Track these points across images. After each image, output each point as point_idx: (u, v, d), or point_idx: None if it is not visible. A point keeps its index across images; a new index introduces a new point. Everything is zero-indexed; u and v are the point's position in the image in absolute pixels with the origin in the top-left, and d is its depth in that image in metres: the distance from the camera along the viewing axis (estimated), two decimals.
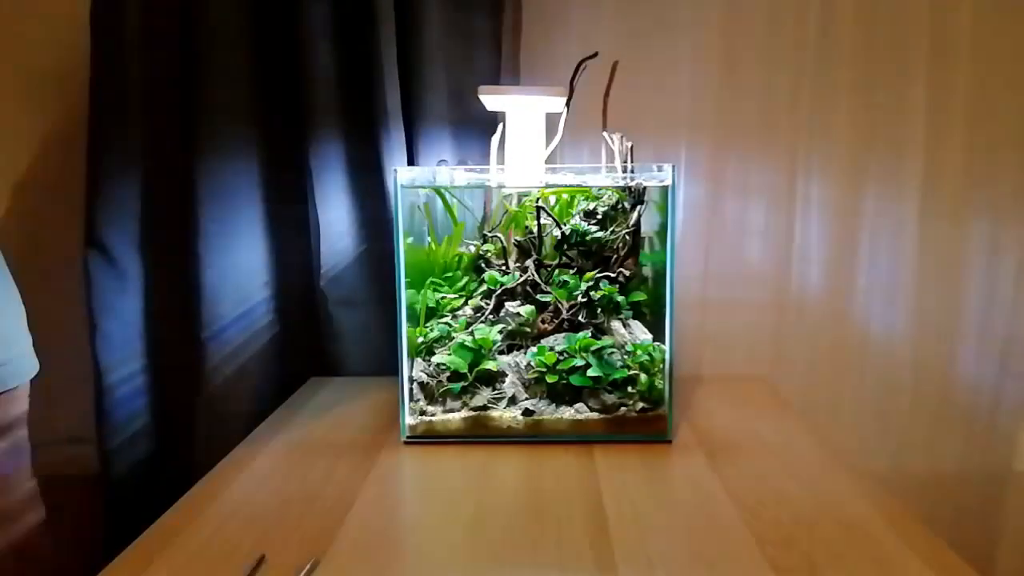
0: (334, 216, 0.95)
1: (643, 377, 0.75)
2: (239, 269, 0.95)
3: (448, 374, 0.77)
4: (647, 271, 0.84)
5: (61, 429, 0.98)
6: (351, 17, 0.91)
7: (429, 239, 0.87)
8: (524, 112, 0.79)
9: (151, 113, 0.91)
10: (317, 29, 0.90)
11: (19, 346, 0.72)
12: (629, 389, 0.76)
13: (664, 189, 0.75)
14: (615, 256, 0.82)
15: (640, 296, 0.82)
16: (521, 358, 0.79)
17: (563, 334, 0.79)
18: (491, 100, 0.77)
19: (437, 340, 0.79)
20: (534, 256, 0.83)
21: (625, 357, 0.77)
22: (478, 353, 0.77)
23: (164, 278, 0.94)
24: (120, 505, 0.92)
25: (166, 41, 0.90)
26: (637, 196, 0.81)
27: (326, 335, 0.99)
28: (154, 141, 0.92)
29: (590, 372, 0.74)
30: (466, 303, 0.84)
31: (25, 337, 0.74)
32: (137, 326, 0.93)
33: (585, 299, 0.79)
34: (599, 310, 0.80)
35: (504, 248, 0.86)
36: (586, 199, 0.85)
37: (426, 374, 0.77)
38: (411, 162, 0.94)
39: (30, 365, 0.73)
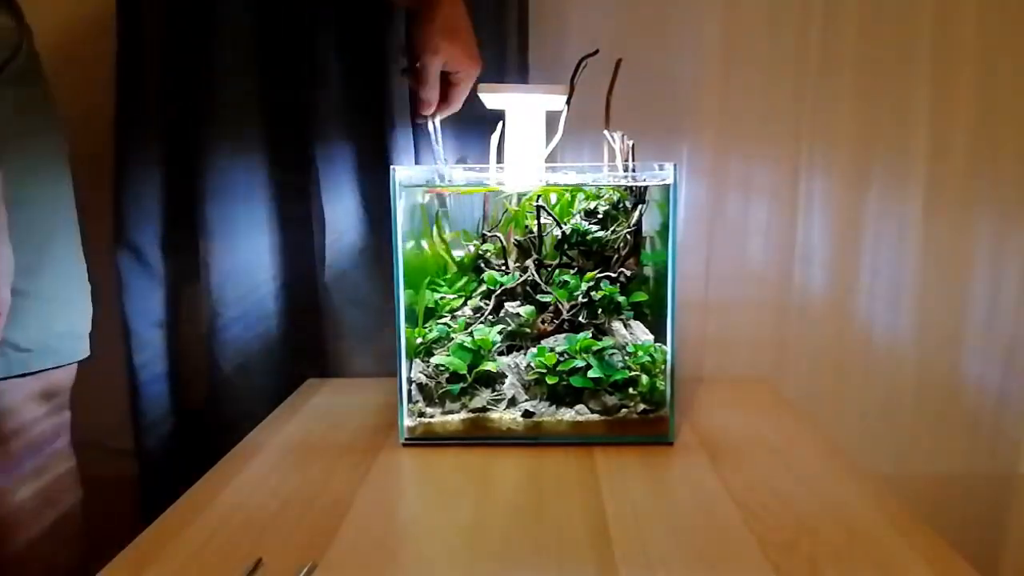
0: (339, 215, 0.95)
1: (644, 378, 0.75)
2: (243, 268, 0.95)
3: (447, 375, 0.76)
4: (648, 271, 0.84)
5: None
6: (358, 14, 0.90)
7: (428, 239, 0.86)
8: (524, 110, 0.78)
9: (169, 112, 0.93)
10: (325, 26, 0.90)
11: (83, 323, 0.75)
12: (630, 390, 0.75)
13: (666, 188, 0.74)
14: (616, 256, 0.82)
15: (641, 296, 0.82)
16: (521, 359, 0.78)
17: (563, 335, 0.78)
18: (490, 98, 0.77)
19: (436, 341, 0.79)
20: (534, 256, 0.83)
21: (626, 358, 0.76)
22: (477, 354, 0.76)
23: (177, 279, 0.95)
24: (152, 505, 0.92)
25: (182, 45, 0.91)
26: (638, 195, 0.81)
27: (328, 335, 0.99)
28: (172, 141, 0.93)
29: (591, 373, 0.74)
30: (465, 303, 0.83)
31: (88, 315, 0.76)
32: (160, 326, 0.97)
33: (586, 299, 0.79)
34: (600, 311, 0.79)
35: (504, 248, 0.85)
36: (586, 198, 0.85)
37: (425, 375, 0.77)
38: (416, 160, 0.94)
39: (86, 346, 0.75)
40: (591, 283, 0.79)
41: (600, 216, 0.84)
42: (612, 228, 0.83)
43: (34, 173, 0.70)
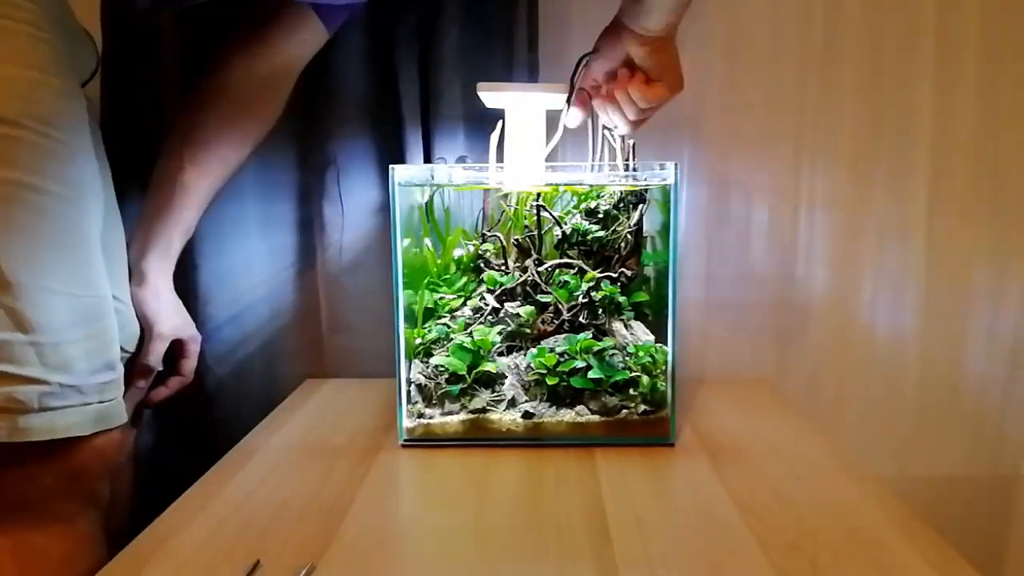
0: (359, 212, 0.96)
1: (645, 379, 0.74)
2: (235, 269, 0.94)
3: (446, 376, 0.76)
4: (649, 271, 0.83)
5: None
6: (376, 13, 0.91)
7: (428, 240, 0.86)
8: (524, 109, 0.78)
9: (156, 113, 0.91)
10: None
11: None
12: (631, 391, 0.75)
13: (666, 188, 0.74)
14: (616, 256, 0.81)
15: (642, 296, 0.81)
16: (521, 360, 0.78)
17: (563, 335, 0.78)
18: (490, 97, 0.76)
19: (435, 341, 0.78)
20: (534, 256, 0.82)
21: (627, 359, 0.76)
22: (477, 355, 0.76)
23: None
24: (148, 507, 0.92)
25: (171, 44, 0.90)
26: (639, 195, 0.80)
27: (327, 335, 0.98)
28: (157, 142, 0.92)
29: (591, 374, 0.73)
30: (465, 304, 0.83)
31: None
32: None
33: (586, 300, 0.79)
34: (600, 311, 0.79)
35: (503, 248, 0.85)
36: (585, 198, 0.84)
37: (424, 376, 0.76)
38: (427, 159, 0.94)
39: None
40: (591, 283, 0.79)
41: (600, 216, 0.83)
42: (612, 228, 0.82)
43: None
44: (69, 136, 0.59)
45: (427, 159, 0.94)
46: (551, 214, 0.81)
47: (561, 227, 0.82)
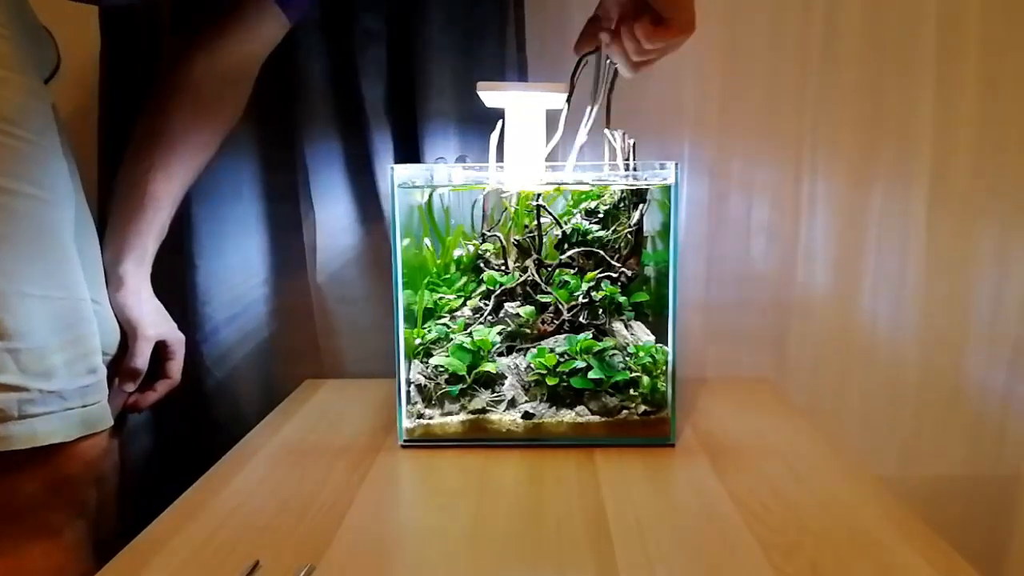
0: (331, 215, 0.95)
1: (645, 379, 0.74)
2: (233, 270, 0.94)
3: (446, 376, 0.76)
4: (649, 271, 0.83)
5: None
6: (339, 13, 0.90)
7: (428, 241, 0.86)
8: (524, 109, 0.78)
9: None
10: (307, 26, 0.89)
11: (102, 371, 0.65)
12: (631, 391, 0.74)
13: (667, 187, 0.74)
14: (617, 256, 0.81)
15: (642, 297, 0.81)
16: (521, 360, 0.77)
17: (564, 335, 0.78)
18: (490, 96, 0.76)
19: (435, 341, 0.78)
20: (534, 256, 0.82)
21: (627, 359, 0.76)
22: (476, 355, 0.76)
23: (164, 281, 0.94)
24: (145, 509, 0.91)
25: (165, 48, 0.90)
26: (639, 194, 0.80)
27: (323, 336, 0.98)
28: None
29: (591, 374, 0.73)
30: (464, 304, 0.83)
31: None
32: None
33: (586, 300, 0.78)
34: (600, 311, 0.79)
35: (503, 247, 0.85)
36: (581, 198, 0.84)
37: (424, 376, 0.76)
38: (418, 160, 0.94)
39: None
40: (592, 283, 0.79)
41: (601, 216, 0.83)
42: (613, 228, 0.82)
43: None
44: (38, 136, 0.58)
45: (415, 161, 0.93)
46: (551, 214, 0.81)
47: (561, 227, 0.82)
